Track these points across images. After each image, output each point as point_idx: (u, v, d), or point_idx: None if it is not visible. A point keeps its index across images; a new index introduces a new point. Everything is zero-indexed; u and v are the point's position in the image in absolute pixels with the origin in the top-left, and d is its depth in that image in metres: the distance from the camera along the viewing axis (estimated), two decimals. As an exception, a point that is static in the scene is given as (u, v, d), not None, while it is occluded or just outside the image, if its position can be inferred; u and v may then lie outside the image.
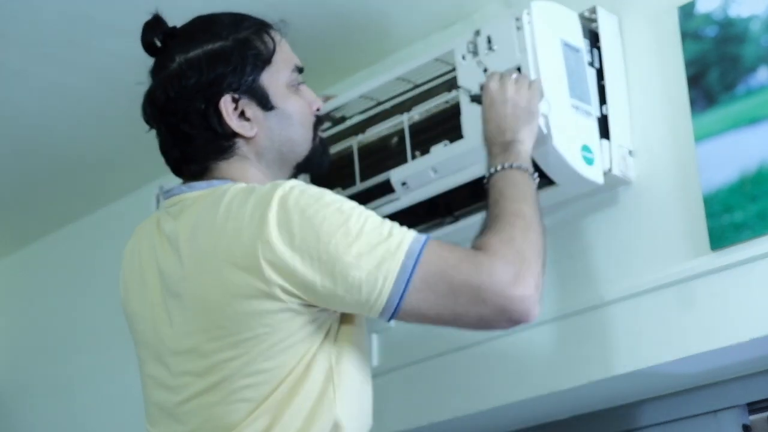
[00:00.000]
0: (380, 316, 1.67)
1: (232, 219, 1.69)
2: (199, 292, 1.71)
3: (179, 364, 1.75)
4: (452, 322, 1.69)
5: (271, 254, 1.65)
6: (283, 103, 1.83)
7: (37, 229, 3.41)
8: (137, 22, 2.48)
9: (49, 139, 2.91)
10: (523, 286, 1.66)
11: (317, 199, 1.68)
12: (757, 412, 2.16)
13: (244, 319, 1.67)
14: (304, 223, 1.66)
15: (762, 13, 2.03)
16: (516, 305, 1.65)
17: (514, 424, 2.40)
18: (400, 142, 2.17)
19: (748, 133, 2.00)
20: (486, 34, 2.06)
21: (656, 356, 2.05)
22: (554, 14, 2.08)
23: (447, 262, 1.66)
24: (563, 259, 2.21)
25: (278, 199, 1.67)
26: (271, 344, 1.67)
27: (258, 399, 1.68)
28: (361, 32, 2.50)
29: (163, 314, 1.77)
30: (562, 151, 2.00)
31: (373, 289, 1.65)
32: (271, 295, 1.66)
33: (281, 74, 1.83)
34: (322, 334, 1.71)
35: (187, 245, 1.74)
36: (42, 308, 3.43)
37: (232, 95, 1.79)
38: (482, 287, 1.65)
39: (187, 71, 1.79)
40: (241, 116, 1.80)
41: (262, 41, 1.83)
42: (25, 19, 2.42)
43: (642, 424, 2.27)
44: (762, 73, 2.01)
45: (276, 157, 1.84)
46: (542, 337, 2.21)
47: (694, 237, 2.03)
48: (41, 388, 3.34)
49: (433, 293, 1.65)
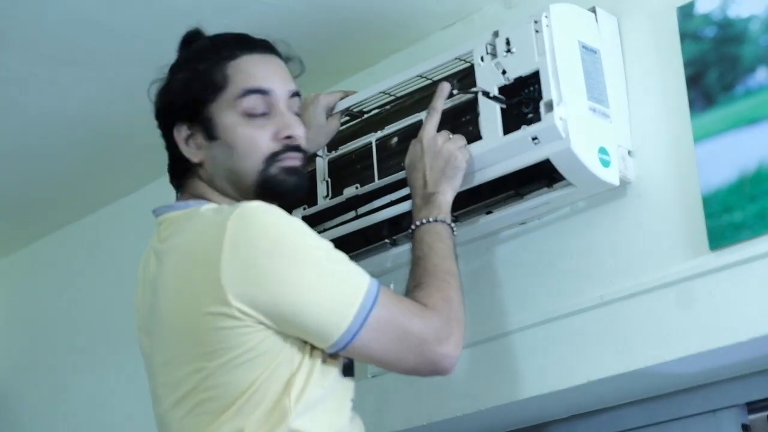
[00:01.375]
0: (330, 347, 1.74)
1: (194, 242, 1.76)
2: (170, 309, 1.78)
3: (160, 376, 1.82)
4: (390, 365, 1.80)
5: (228, 278, 1.69)
6: (228, 135, 1.85)
7: (37, 229, 3.41)
8: (137, 23, 2.49)
9: (49, 139, 2.91)
10: (454, 345, 1.80)
11: (275, 226, 1.73)
12: (756, 412, 2.16)
13: (205, 334, 1.72)
14: (261, 250, 1.70)
15: (761, 13, 2.03)
16: (444, 361, 1.79)
17: (514, 424, 2.40)
18: None
19: (747, 134, 2.00)
20: (505, 36, 2.07)
21: (655, 356, 2.05)
22: (571, 16, 2.09)
23: (400, 309, 1.77)
24: (562, 258, 2.21)
25: (234, 223, 1.71)
26: (230, 359, 1.71)
27: (218, 411, 1.72)
28: (361, 33, 2.50)
29: (151, 328, 1.84)
30: (579, 154, 2.00)
31: (329, 323, 1.72)
32: (229, 315, 1.70)
33: (231, 106, 1.85)
34: (281, 349, 1.73)
35: (165, 264, 1.80)
36: (42, 308, 3.43)
37: (180, 125, 1.87)
38: (426, 340, 1.77)
39: (162, 95, 1.91)
40: (193, 144, 1.87)
41: (221, 71, 1.86)
42: (26, 20, 2.42)
43: (641, 424, 2.28)
44: (761, 74, 2.01)
45: (226, 184, 1.88)
46: (542, 337, 2.21)
47: (693, 237, 2.03)
48: (41, 388, 3.34)
49: (383, 336, 1.75)
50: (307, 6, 2.42)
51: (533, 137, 2.00)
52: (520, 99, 2.03)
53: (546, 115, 1.99)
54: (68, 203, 3.25)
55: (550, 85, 2.00)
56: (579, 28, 2.10)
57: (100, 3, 2.40)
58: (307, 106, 2.20)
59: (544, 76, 2.00)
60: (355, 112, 2.29)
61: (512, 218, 2.19)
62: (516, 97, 2.04)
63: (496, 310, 2.29)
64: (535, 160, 2.02)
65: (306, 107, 2.19)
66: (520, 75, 2.04)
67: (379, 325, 1.73)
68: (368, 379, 2.47)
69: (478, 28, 2.33)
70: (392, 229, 2.26)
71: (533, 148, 2.01)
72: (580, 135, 2.01)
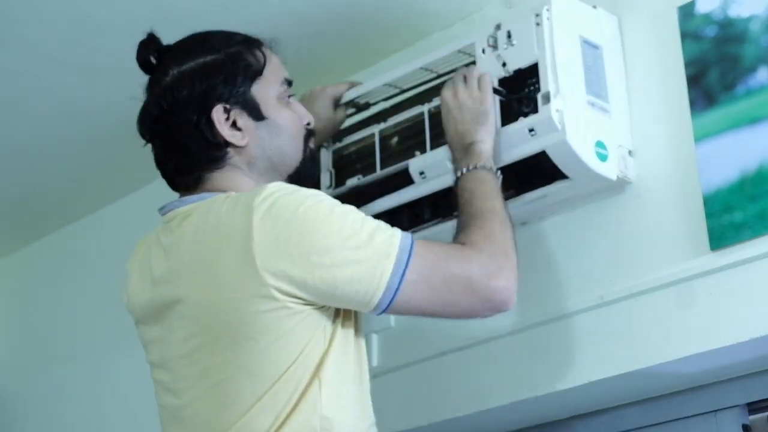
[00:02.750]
0: (374, 310, 1.72)
1: (222, 227, 1.73)
2: (196, 298, 1.74)
3: (180, 368, 1.78)
4: (442, 313, 1.78)
5: (263, 257, 1.68)
6: (274, 114, 1.87)
7: (37, 229, 3.41)
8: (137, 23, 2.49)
9: (50, 139, 2.92)
10: (506, 277, 1.78)
11: (302, 199, 1.72)
12: (756, 412, 2.16)
13: (240, 321, 1.70)
14: (292, 224, 1.69)
15: (762, 13, 2.03)
16: (500, 295, 1.77)
17: (514, 424, 2.40)
18: (420, 131, 2.19)
19: (748, 133, 2.00)
20: (506, 28, 2.09)
21: (656, 356, 2.05)
22: (574, 10, 2.11)
23: (438, 255, 1.74)
24: (563, 258, 2.21)
25: (262, 202, 1.71)
26: (266, 345, 1.70)
27: (252, 400, 1.70)
28: (361, 33, 2.51)
29: (163, 321, 1.80)
30: (575, 146, 2.01)
31: (368, 284, 1.70)
32: (266, 295, 1.68)
33: (271, 87, 1.88)
34: (314, 333, 1.72)
35: (183, 255, 1.78)
36: (42, 309, 3.43)
37: (224, 105, 1.83)
38: (473, 278, 1.75)
39: (181, 83, 1.83)
40: (232, 126, 1.84)
41: (253, 55, 1.87)
42: (26, 20, 2.42)
43: (642, 424, 2.27)
44: (762, 73, 2.01)
45: (267, 166, 1.87)
46: (542, 337, 2.21)
47: (693, 237, 2.03)
48: (41, 388, 3.34)
49: (426, 285, 1.72)
50: (307, 6, 2.43)
51: (530, 129, 2.02)
52: (520, 96, 2.04)
53: (543, 107, 2.00)
54: (68, 203, 3.25)
55: (548, 77, 2.01)
56: (581, 22, 2.11)
57: (100, 3, 2.40)
58: (314, 98, 2.22)
59: (543, 68, 2.02)
60: (361, 103, 2.31)
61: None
62: (516, 94, 2.05)
63: (497, 310, 2.29)
64: (531, 151, 2.03)
65: (314, 99, 2.21)
66: (519, 67, 2.06)
67: (420, 276, 1.71)
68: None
69: (479, 28, 2.33)
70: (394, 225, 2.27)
71: (530, 139, 2.02)
72: (577, 128, 2.01)
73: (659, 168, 2.11)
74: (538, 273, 2.24)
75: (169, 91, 1.84)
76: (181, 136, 1.84)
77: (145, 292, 1.85)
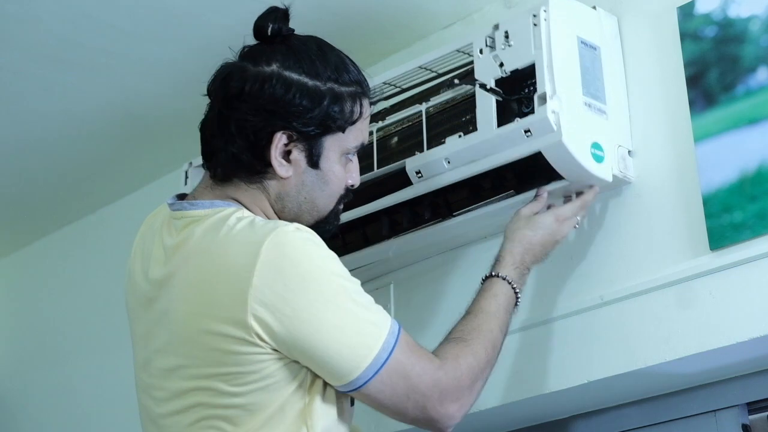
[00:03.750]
0: (339, 387, 1.71)
1: (224, 256, 1.69)
2: (183, 318, 1.72)
3: (162, 379, 1.76)
4: (389, 413, 1.76)
5: (255, 302, 1.65)
6: (327, 168, 1.79)
7: (37, 229, 3.41)
8: (137, 23, 2.49)
9: (50, 139, 2.92)
10: (458, 409, 1.76)
11: (311, 260, 1.69)
12: (756, 412, 2.16)
13: (221, 355, 1.68)
14: (292, 281, 1.66)
15: (761, 13, 2.03)
16: (443, 422, 1.75)
17: (514, 424, 2.40)
18: (419, 132, 2.19)
19: (748, 134, 2.00)
20: (504, 29, 2.09)
21: (655, 356, 2.05)
22: (572, 11, 2.11)
23: (415, 368, 1.72)
24: (563, 259, 2.21)
25: (274, 248, 1.67)
26: (244, 383, 1.68)
27: (229, 429, 1.69)
28: (361, 32, 2.50)
29: (152, 326, 1.78)
30: (570, 147, 2.01)
31: (340, 370, 1.68)
32: (248, 341, 1.66)
33: (344, 143, 1.80)
34: (296, 378, 1.71)
35: (183, 265, 1.74)
36: (42, 308, 3.43)
37: (291, 134, 1.76)
38: (430, 397, 1.73)
39: (275, 85, 1.75)
40: (285, 155, 1.77)
41: (352, 106, 1.80)
42: (26, 20, 2.42)
43: (642, 424, 2.27)
44: (761, 74, 2.01)
45: (293, 207, 1.81)
46: (542, 337, 2.21)
47: (693, 237, 2.03)
48: (40, 388, 3.34)
49: (391, 388, 1.71)
50: (307, 6, 2.42)
51: (526, 130, 2.02)
52: (520, 97, 2.04)
53: (539, 108, 2.00)
54: (68, 203, 3.25)
55: (544, 78, 2.01)
56: (579, 23, 2.11)
57: (100, 3, 2.40)
58: None
59: (539, 69, 2.02)
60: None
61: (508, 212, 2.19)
62: (515, 96, 2.06)
63: (496, 310, 2.29)
64: (527, 152, 2.03)
65: None
66: (516, 68, 2.06)
67: (391, 375, 1.69)
68: (368, 379, 2.47)
69: (478, 28, 2.33)
70: (393, 228, 2.27)
71: (526, 140, 2.02)
72: (573, 129, 2.01)
73: (659, 168, 2.11)
74: (538, 273, 2.24)
75: (260, 82, 1.75)
76: (238, 128, 1.76)
77: (140, 283, 1.81)
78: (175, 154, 2.92)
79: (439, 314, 2.39)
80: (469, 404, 1.78)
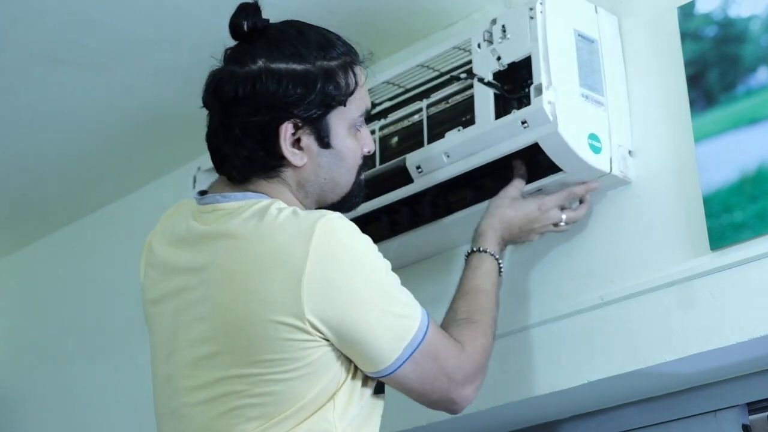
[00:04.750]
0: (371, 373, 1.74)
1: (278, 242, 1.69)
2: (226, 306, 1.71)
3: (190, 368, 1.75)
4: (418, 397, 1.82)
5: (309, 291, 1.66)
6: (340, 145, 1.81)
7: (37, 229, 3.41)
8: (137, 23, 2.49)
9: (49, 139, 2.92)
10: (474, 390, 1.84)
11: (362, 247, 1.73)
12: (756, 412, 2.16)
13: (268, 342, 1.67)
14: (346, 269, 1.69)
15: (762, 13, 2.03)
16: (462, 402, 1.83)
17: (514, 424, 2.40)
18: (419, 130, 2.21)
19: (748, 134, 2.00)
20: (501, 23, 2.11)
21: (656, 356, 2.05)
22: (569, 5, 2.11)
23: (443, 351, 1.78)
24: (563, 259, 2.21)
25: (324, 234, 1.68)
26: (287, 370, 1.68)
27: (261, 419, 1.69)
28: (361, 32, 2.49)
29: (182, 315, 1.77)
30: (567, 137, 2.01)
31: (381, 353, 1.72)
32: (300, 327, 1.67)
33: (349, 115, 1.81)
34: (334, 365, 1.72)
35: (220, 255, 1.73)
36: (42, 308, 3.43)
37: (295, 122, 1.76)
38: (455, 380, 1.80)
39: (266, 81, 1.75)
40: (295, 144, 1.78)
41: (345, 78, 1.80)
42: (26, 20, 2.42)
43: (642, 424, 2.27)
44: (762, 73, 2.01)
45: (316, 191, 1.83)
46: (542, 337, 2.21)
47: (693, 237, 2.03)
48: (41, 388, 3.34)
49: (422, 370, 1.76)
50: (307, 6, 2.42)
51: (522, 121, 2.02)
52: (519, 96, 2.05)
53: (535, 99, 2.01)
54: (68, 203, 3.25)
55: (540, 69, 2.02)
56: (576, 17, 2.12)
57: (100, 3, 2.40)
58: None
59: (535, 60, 2.03)
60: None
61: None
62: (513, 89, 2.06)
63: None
64: (524, 143, 2.04)
65: None
66: (513, 60, 2.07)
67: (422, 360, 1.74)
68: (368, 379, 2.47)
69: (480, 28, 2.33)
70: (394, 228, 2.27)
71: (522, 131, 2.03)
72: (569, 119, 2.02)
73: (659, 168, 2.11)
74: (538, 273, 2.24)
75: (251, 83, 1.75)
76: (242, 131, 1.77)
77: (165, 276, 1.80)
78: (175, 154, 2.93)
79: (439, 314, 2.39)
80: (481, 384, 1.86)
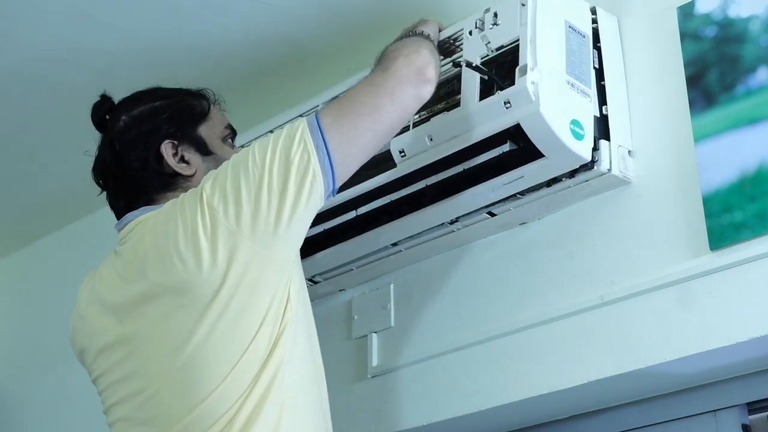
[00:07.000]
0: (328, 195, 1.85)
1: (178, 212, 1.86)
2: (160, 278, 1.85)
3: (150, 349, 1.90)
4: (381, 124, 1.90)
5: (207, 193, 1.82)
6: (220, 152, 2.03)
7: (37, 229, 3.41)
8: (137, 23, 2.49)
9: (49, 138, 2.91)
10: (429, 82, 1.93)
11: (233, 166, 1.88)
12: (756, 412, 2.16)
13: (203, 280, 1.80)
14: (228, 165, 1.86)
15: (761, 13, 2.03)
16: (422, 94, 1.92)
17: (514, 424, 2.40)
18: None
19: (748, 134, 2.00)
20: (493, 10, 2.13)
21: (655, 356, 2.05)
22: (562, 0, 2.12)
23: (351, 108, 1.88)
24: (563, 258, 2.21)
25: (204, 181, 1.87)
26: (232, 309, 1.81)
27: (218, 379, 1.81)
28: (361, 32, 2.50)
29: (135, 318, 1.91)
30: (548, 119, 2.01)
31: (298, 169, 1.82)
32: (211, 217, 1.81)
33: (216, 128, 2.05)
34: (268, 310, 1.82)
35: (147, 244, 1.89)
36: (42, 308, 3.43)
37: (172, 142, 1.99)
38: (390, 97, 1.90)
39: (132, 126, 2.01)
40: (181, 160, 2.00)
41: (198, 101, 2.06)
42: (26, 20, 2.42)
43: (641, 424, 2.27)
44: (761, 74, 2.01)
45: None
46: (542, 337, 2.21)
47: (693, 237, 2.03)
48: (41, 388, 3.34)
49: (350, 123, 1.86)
50: (307, 6, 2.43)
51: (505, 101, 2.03)
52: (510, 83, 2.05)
53: (519, 79, 2.02)
54: (68, 203, 3.25)
55: (527, 51, 2.03)
56: (569, 10, 2.13)
57: (100, 3, 2.40)
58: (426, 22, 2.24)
59: (523, 43, 2.04)
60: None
61: (487, 195, 2.20)
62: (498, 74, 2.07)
63: (496, 311, 2.29)
64: (507, 124, 2.04)
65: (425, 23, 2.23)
66: (501, 44, 2.08)
67: (340, 132, 1.84)
68: (368, 380, 2.47)
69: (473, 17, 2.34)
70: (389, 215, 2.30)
71: (505, 112, 2.04)
72: (552, 101, 2.02)
73: (659, 168, 2.11)
74: (538, 273, 2.24)
75: (121, 134, 2.01)
76: (133, 171, 1.99)
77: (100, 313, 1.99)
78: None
79: (439, 314, 2.39)
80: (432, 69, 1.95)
